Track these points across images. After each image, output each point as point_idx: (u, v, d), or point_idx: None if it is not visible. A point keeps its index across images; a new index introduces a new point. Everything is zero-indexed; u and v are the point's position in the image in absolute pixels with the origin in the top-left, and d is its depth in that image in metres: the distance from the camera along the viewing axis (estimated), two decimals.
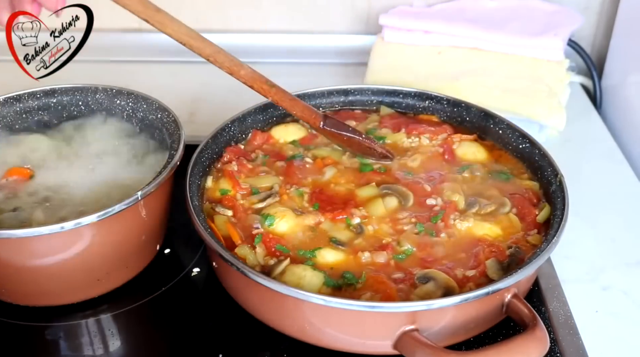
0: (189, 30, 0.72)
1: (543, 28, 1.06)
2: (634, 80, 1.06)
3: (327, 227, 0.72)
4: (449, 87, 0.99)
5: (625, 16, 1.10)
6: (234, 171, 0.79)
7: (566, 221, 0.68)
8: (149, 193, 0.69)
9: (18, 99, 0.84)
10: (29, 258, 0.68)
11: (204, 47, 0.73)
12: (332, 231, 0.71)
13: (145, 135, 0.83)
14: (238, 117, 0.85)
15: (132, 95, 0.85)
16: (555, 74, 1.03)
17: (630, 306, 0.75)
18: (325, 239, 0.70)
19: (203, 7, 1.20)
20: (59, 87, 0.85)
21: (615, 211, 0.88)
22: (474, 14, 1.12)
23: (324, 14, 1.21)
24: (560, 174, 0.75)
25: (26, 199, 0.74)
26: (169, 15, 0.71)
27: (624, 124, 1.07)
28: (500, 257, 0.68)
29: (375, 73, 1.07)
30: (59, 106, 0.86)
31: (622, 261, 0.81)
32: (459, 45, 1.08)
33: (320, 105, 0.91)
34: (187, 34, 0.72)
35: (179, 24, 0.71)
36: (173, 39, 0.72)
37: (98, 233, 0.68)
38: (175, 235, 0.82)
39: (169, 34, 0.71)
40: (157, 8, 0.69)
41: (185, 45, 0.72)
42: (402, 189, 0.77)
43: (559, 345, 0.68)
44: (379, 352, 0.64)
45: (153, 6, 0.69)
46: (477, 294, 0.60)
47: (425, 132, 0.86)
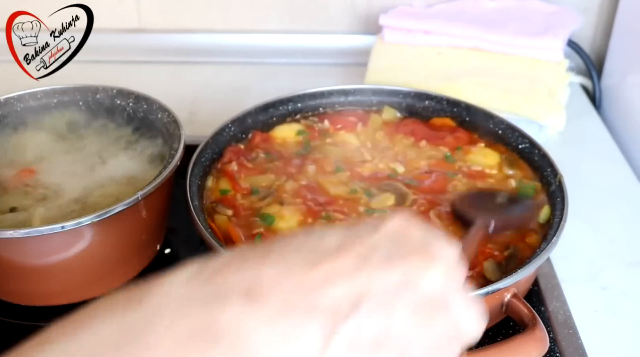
0: None
1: (543, 28, 1.06)
2: (633, 81, 1.07)
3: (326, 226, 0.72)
4: (449, 87, 0.99)
5: (624, 16, 1.10)
6: (234, 171, 0.79)
7: (566, 221, 0.68)
8: (149, 193, 0.69)
9: (18, 99, 0.84)
10: (29, 258, 0.68)
11: None
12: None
13: (146, 136, 0.83)
14: (238, 117, 0.85)
15: (132, 95, 0.85)
16: (555, 74, 1.03)
17: (629, 305, 0.75)
18: None
19: (203, 7, 1.20)
20: (59, 87, 0.85)
21: (615, 211, 0.89)
22: (473, 15, 1.12)
23: (324, 14, 1.21)
24: (559, 174, 0.75)
25: (26, 198, 0.74)
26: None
27: (623, 124, 1.07)
28: (497, 258, 0.68)
29: (375, 73, 1.07)
30: (59, 106, 0.86)
31: (621, 260, 0.81)
32: (458, 45, 1.08)
33: (320, 106, 0.91)
34: None
35: None
36: None
37: (98, 233, 0.68)
38: (175, 235, 0.82)
39: None
40: None
41: None
42: (402, 188, 0.77)
43: (558, 345, 0.68)
44: None
45: None
46: (477, 294, 0.60)
47: (443, 143, 0.85)
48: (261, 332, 0.33)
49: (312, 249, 0.37)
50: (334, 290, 0.35)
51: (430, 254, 0.38)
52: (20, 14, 0.73)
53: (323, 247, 0.37)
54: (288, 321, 0.34)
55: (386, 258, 0.37)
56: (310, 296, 0.35)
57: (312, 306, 0.35)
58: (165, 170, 0.71)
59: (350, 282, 0.36)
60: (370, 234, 0.39)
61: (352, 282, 0.36)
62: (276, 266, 0.36)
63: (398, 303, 0.36)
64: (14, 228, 0.66)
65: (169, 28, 1.21)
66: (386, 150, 0.84)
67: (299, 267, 0.36)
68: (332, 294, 0.35)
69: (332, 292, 0.35)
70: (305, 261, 0.36)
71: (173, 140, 0.77)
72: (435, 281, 0.37)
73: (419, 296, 0.36)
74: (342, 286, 0.35)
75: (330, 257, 0.37)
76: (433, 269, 0.37)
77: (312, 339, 0.34)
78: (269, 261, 0.36)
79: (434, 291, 0.37)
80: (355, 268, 0.36)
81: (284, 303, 0.34)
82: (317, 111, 0.91)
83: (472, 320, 0.39)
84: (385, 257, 0.37)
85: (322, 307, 0.35)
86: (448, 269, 0.38)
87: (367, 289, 0.36)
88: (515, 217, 0.72)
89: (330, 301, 0.35)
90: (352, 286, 0.36)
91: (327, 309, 0.35)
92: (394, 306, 0.36)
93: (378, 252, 0.37)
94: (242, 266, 0.36)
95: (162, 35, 1.21)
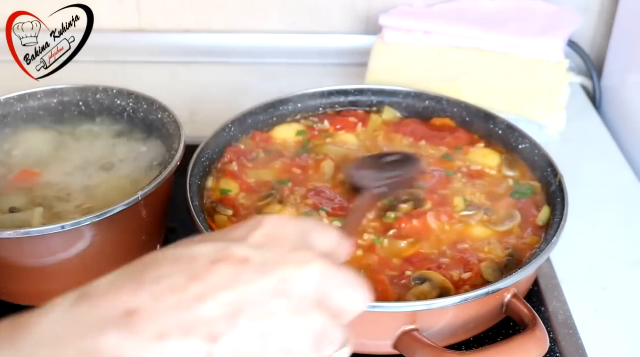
0: None
1: (543, 28, 1.06)
2: (633, 81, 1.07)
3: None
4: (449, 87, 0.99)
5: (624, 16, 1.11)
6: (235, 171, 0.79)
7: (565, 221, 0.69)
8: (149, 193, 0.69)
9: (18, 99, 0.84)
10: (29, 258, 0.68)
11: None
12: None
13: (146, 136, 0.83)
14: (238, 117, 0.85)
15: (132, 95, 0.85)
16: (555, 74, 1.03)
17: (629, 305, 0.75)
18: None
19: (203, 7, 1.20)
20: (59, 87, 0.85)
21: (615, 211, 0.89)
22: (473, 14, 1.12)
23: (324, 14, 1.21)
24: (559, 174, 0.75)
25: (26, 198, 0.74)
26: None
27: (623, 124, 1.07)
28: (496, 259, 0.69)
29: (375, 73, 1.07)
30: (59, 106, 0.86)
31: (621, 260, 0.81)
32: (458, 45, 1.08)
33: (320, 106, 0.91)
34: None
35: None
36: None
37: (98, 233, 0.68)
38: (175, 235, 0.82)
39: None
40: None
41: None
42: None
43: (558, 345, 0.68)
44: (378, 351, 0.64)
45: None
46: (477, 294, 0.60)
47: (443, 144, 0.85)
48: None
49: (186, 264, 0.38)
50: (209, 306, 0.36)
51: (303, 254, 0.39)
52: (20, 14, 0.73)
53: (197, 260, 0.38)
54: (166, 343, 0.35)
55: (260, 265, 0.38)
56: (187, 314, 0.36)
57: (189, 325, 0.35)
58: (165, 170, 0.71)
59: (225, 294, 0.36)
60: (244, 240, 0.40)
61: (227, 295, 0.36)
62: (152, 286, 0.37)
63: (275, 309, 0.37)
64: (14, 228, 0.66)
65: (169, 28, 1.21)
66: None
67: (174, 285, 0.37)
68: (208, 310, 0.36)
69: (208, 308, 0.36)
70: (179, 277, 0.37)
71: (173, 140, 0.77)
72: (310, 280, 0.39)
73: (295, 299, 0.38)
74: (218, 299, 0.36)
75: (204, 270, 0.37)
76: (307, 269, 0.39)
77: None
78: (147, 279, 0.37)
79: (310, 289, 0.38)
80: (229, 280, 0.37)
81: (160, 325, 0.35)
82: (317, 111, 0.91)
83: (355, 298, 0.41)
84: (259, 264, 0.38)
85: (199, 325, 0.35)
86: (322, 264, 0.39)
87: (242, 300, 0.37)
88: (400, 178, 0.74)
89: (206, 317, 0.36)
90: (227, 299, 0.36)
91: (205, 326, 0.35)
92: (271, 312, 0.37)
93: (252, 260, 0.38)
94: (121, 288, 0.37)
95: (162, 35, 1.21)
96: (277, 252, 0.39)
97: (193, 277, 0.37)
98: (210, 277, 0.37)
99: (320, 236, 0.42)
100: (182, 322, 0.35)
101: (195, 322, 0.36)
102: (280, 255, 0.39)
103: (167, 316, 0.35)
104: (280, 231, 0.41)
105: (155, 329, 0.35)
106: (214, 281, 0.37)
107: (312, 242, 0.42)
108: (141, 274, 0.38)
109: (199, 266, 0.38)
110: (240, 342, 0.36)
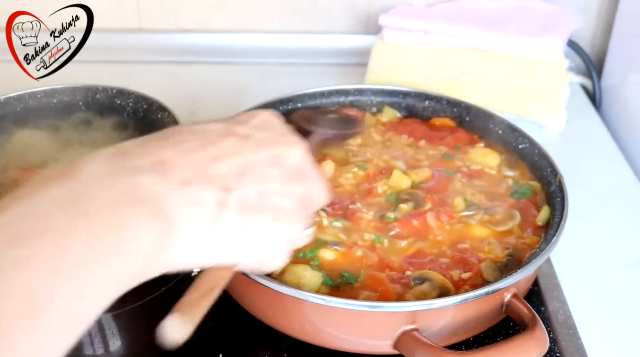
0: None
1: (543, 28, 1.06)
2: (633, 80, 1.07)
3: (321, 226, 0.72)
4: (449, 87, 0.99)
5: (624, 16, 1.11)
6: None
7: (566, 221, 0.69)
8: None
9: (18, 99, 0.84)
10: None
11: None
12: (325, 230, 0.71)
13: (146, 136, 0.83)
14: None
15: (132, 95, 0.85)
16: (555, 74, 1.03)
17: (629, 305, 0.75)
18: (318, 240, 0.70)
19: (203, 7, 1.20)
20: (59, 87, 0.85)
21: (615, 211, 0.89)
22: (473, 14, 1.12)
23: (324, 14, 1.21)
24: (559, 174, 0.75)
25: None
26: None
27: (623, 124, 1.07)
28: (496, 259, 0.69)
29: (375, 73, 1.07)
30: (59, 106, 0.86)
31: (621, 260, 0.81)
32: (458, 45, 1.08)
33: (320, 106, 0.91)
34: None
35: None
36: None
37: None
38: None
39: None
40: None
41: None
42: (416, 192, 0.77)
43: (558, 345, 0.68)
44: (378, 351, 0.64)
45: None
46: (477, 294, 0.60)
47: (442, 143, 0.85)
48: (172, 196, 0.42)
49: (201, 135, 0.48)
50: (222, 165, 0.46)
51: (291, 140, 0.52)
52: (20, 14, 0.73)
53: (209, 133, 0.48)
54: (191, 188, 0.44)
55: (259, 141, 0.49)
56: (204, 170, 0.45)
57: (208, 177, 0.45)
58: None
59: (234, 158, 0.47)
60: (245, 123, 0.51)
61: (235, 159, 0.47)
62: (175, 147, 0.45)
63: (271, 175, 0.48)
64: None
65: (169, 28, 1.21)
66: (386, 151, 0.84)
67: (193, 148, 0.46)
68: (221, 168, 0.46)
69: (221, 167, 0.46)
70: (197, 143, 0.46)
71: None
72: (296, 158, 0.50)
73: (285, 169, 0.49)
74: (229, 162, 0.46)
75: (216, 140, 0.47)
76: (294, 150, 0.51)
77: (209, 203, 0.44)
78: (169, 142, 0.46)
79: (296, 165, 0.50)
80: (237, 148, 0.48)
81: (185, 174, 0.44)
82: None
83: (322, 188, 0.53)
84: (259, 140, 0.49)
85: (216, 178, 0.45)
86: (303, 151, 0.51)
87: (247, 164, 0.47)
88: (342, 131, 0.80)
89: (220, 174, 0.45)
90: (236, 161, 0.47)
91: (220, 180, 0.45)
92: (268, 176, 0.48)
93: (253, 137, 0.49)
94: (148, 146, 0.45)
95: (162, 35, 1.21)
96: (272, 134, 0.51)
97: (208, 144, 0.46)
98: (221, 145, 0.47)
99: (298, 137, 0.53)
100: (202, 174, 0.44)
101: (213, 175, 0.45)
102: (274, 136, 0.51)
103: (190, 168, 0.44)
104: (271, 120, 0.53)
105: (181, 176, 0.44)
106: (225, 148, 0.47)
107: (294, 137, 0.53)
108: (164, 138, 0.47)
109: (212, 136, 0.47)
110: (246, 195, 0.46)
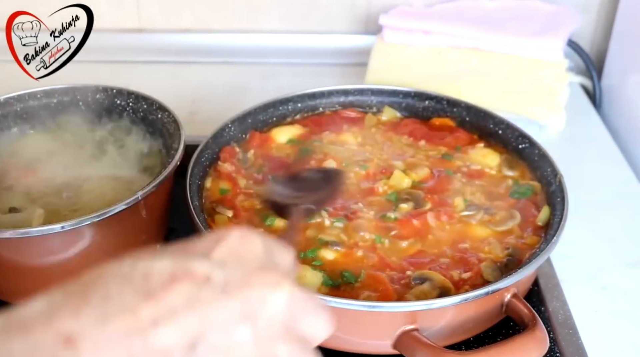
0: None
1: (543, 28, 1.06)
2: (633, 80, 1.07)
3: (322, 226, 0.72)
4: (449, 87, 0.99)
5: (624, 16, 1.11)
6: (231, 171, 0.79)
7: (566, 221, 0.69)
8: (149, 193, 0.69)
9: (18, 99, 0.84)
10: (28, 258, 0.68)
11: None
12: (326, 230, 0.71)
13: (146, 136, 0.83)
14: (238, 117, 0.85)
15: (132, 95, 0.85)
16: (555, 74, 1.03)
17: (629, 305, 0.75)
18: (319, 240, 0.70)
19: (203, 7, 1.20)
20: (59, 87, 0.85)
21: (615, 211, 0.89)
22: (473, 14, 1.12)
23: (324, 14, 1.21)
24: (559, 174, 0.75)
25: (26, 198, 0.74)
26: None
27: (623, 123, 1.07)
28: (496, 259, 0.69)
29: (375, 73, 1.07)
30: (59, 106, 0.86)
31: (621, 260, 0.81)
32: (458, 45, 1.08)
33: (320, 106, 0.91)
34: None
35: None
36: None
37: (98, 233, 0.68)
38: (175, 235, 0.82)
39: None
40: None
41: None
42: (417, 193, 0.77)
43: (558, 345, 0.68)
44: (378, 351, 0.64)
45: None
46: (477, 294, 0.60)
47: (442, 144, 0.85)
48: None
49: (139, 281, 0.33)
50: (165, 332, 0.31)
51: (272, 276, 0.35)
52: (20, 14, 0.73)
53: (152, 278, 0.33)
54: None
55: (225, 284, 0.33)
56: (138, 342, 0.31)
57: (141, 353, 0.31)
58: (166, 170, 0.71)
59: (183, 321, 0.32)
60: (206, 255, 0.35)
61: (185, 321, 0.32)
62: (96, 308, 0.31)
63: (239, 338, 0.33)
64: (14, 228, 0.66)
65: (169, 28, 1.21)
66: (386, 150, 0.84)
67: (122, 306, 0.32)
68: (163, 337, 0.31)
69: (163, 335, 0.31)
70: (131, 297, 0.32)
71: (173, 140, 0.77)
72: (278, 306, 0.34)
73: (261, 325, 0.33)
74: (175, 325, 0.31)
75: (159, 292, 0.32)
76: (276, 293, 0.34)
77: None
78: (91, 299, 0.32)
79: (277, 314, 0.34)
80: (188, 304, 0.32)
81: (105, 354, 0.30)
82: (317, 111, 0.91)
83: (321, 326, 0.37)
84: (223, 283, 0.33)
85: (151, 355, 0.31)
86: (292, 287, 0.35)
87: (202, 328, 0.32)
88: (326, 191, 0.69)
89: (161, 346, 0.31)
90: (185, 325, 0.32)
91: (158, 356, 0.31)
92: (235, 342, 0.33)
93: (214, 279, 0.33)
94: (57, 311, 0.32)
95: (162, 35, 1.21)
96: (243, 271, 0.35)
97: (146, 297, 0.32)
98: (166, 297, 0.32)
99: (281, 254, 0.38)
100: (133, 353, 0.31)
101: (148, 352, 0.31)
102: (246, 274, 0.35)
103: (114, 345, 0.30)
104: (245, 247, 0.37)
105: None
106: (171, 302, 0.32)
107: (276, 260, 0.38)
108: (84, 293, 0.32)
109: (154, 283, 0.32)
110: None
